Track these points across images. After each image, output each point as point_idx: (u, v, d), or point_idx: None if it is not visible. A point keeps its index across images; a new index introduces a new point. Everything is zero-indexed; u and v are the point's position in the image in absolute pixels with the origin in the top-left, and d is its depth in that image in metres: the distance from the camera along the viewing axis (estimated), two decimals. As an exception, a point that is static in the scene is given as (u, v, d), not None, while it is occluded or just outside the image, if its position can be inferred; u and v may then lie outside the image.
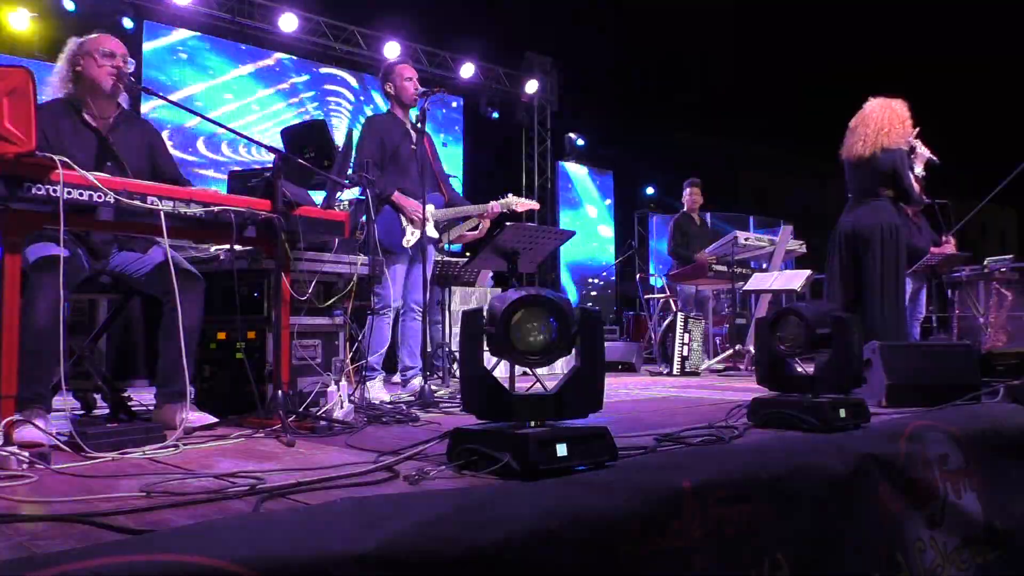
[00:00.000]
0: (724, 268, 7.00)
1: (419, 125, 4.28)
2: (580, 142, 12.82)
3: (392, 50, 10.14)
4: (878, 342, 3.54)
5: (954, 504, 2.28)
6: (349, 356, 3.52)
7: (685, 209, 7.62)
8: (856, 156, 4.79)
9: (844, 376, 2.66)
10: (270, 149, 3.01)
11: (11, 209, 2.30)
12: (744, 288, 7.09)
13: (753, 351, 6.52)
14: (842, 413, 2.53)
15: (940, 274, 7.36)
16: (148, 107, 8.07)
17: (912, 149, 4.83)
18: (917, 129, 4.84)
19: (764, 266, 7.52)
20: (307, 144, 3.51)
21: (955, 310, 8.04)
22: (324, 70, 10.11)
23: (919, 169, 4.82)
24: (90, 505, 1.61)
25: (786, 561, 1.76)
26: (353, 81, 10.37)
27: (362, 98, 10.37)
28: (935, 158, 4.84)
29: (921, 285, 7.31)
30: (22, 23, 7.22)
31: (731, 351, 7.19)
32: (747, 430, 2.63)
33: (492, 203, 4.40)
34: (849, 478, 2.00)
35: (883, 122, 4.74)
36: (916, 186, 4.77)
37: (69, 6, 7.52)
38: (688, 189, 7.61)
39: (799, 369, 2.80)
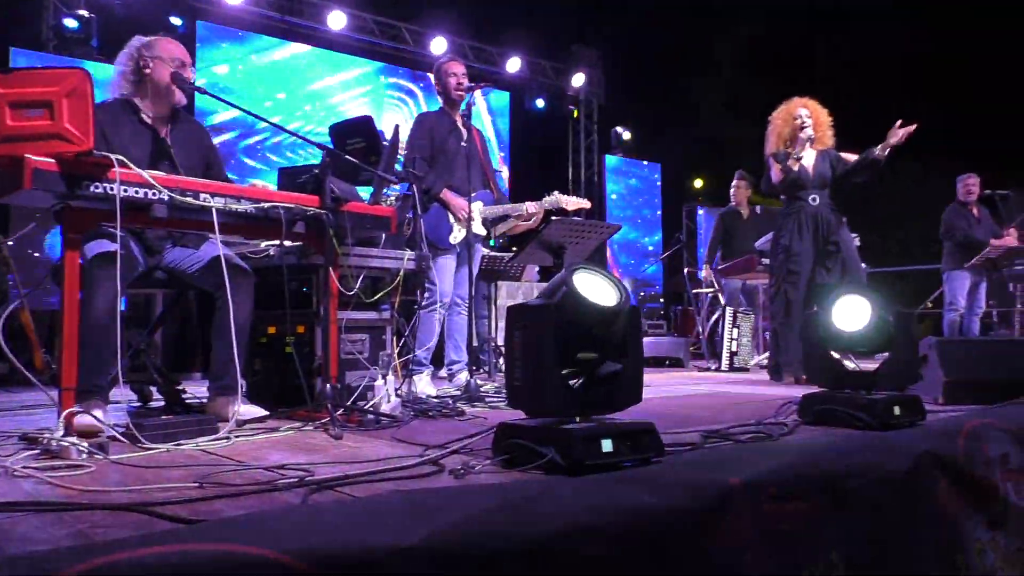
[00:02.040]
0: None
1: (461, 119, 4.29)
2: (627, 135, 12.70)
3: (439, 46, 10.18)
4: (934, 338, 3.45)
5: (1016, 505, 2.20)
6: (396, 350, 3.55)
7: (732, 203, 7.50)
8: None
9: (900, 372, 2.59)
10: (318, 146, 3.04)
11: (71, 207, 2.36)
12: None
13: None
14: (897, 410, 2.47)
15: (1000, 268, 7.14)
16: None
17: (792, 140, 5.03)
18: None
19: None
20: (354, 140, 3.55)
21: (1017, 304, 7.78)
22: (371, 66, 10.20)
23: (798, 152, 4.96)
24: (146, 495, 1.65)
25: (841, 561, 1.72)
26: (401, 78, 10.45)
27: (410, 94, 10.44)
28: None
29: (981, 279, 7.09)
30: (75, 23, 7.42)
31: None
32: (798, 427, 2.58)
33: (538, 202, 4.39)
34: (906, 477, 1.94)
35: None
36: (772, 174, 5.00)
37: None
38: (735, 182, 7.49)
39: (851, 365, 2.74)
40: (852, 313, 2.61)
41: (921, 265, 9.01)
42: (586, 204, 4.58)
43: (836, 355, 2.74)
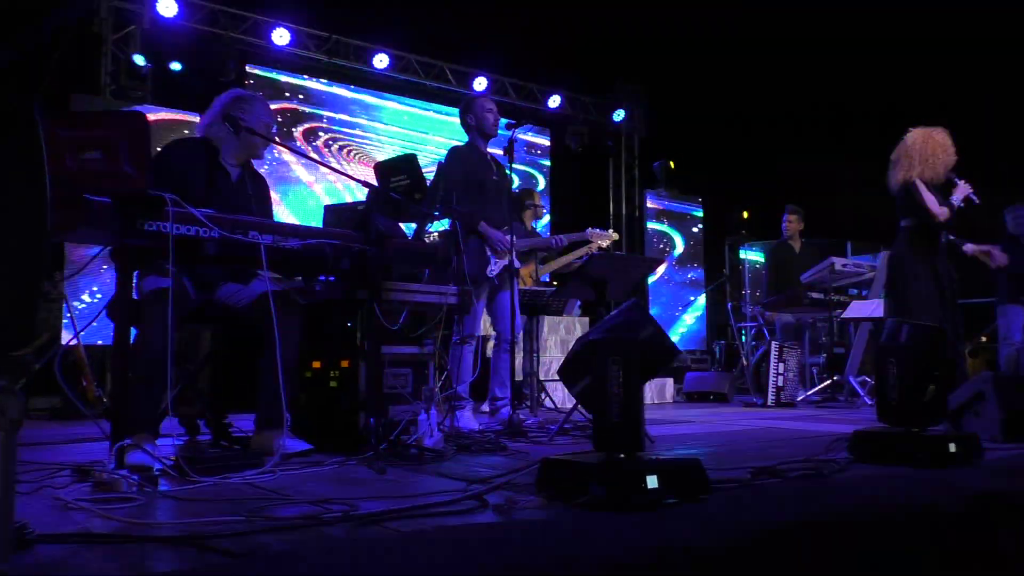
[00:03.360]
0: (820, 296, 6.77)
1: (507, 157, 4.35)
2: (670, 167, 12.67)
3: (480, 84, 10.33)
4: (991, 372, 3.35)
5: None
6: (439, 385, 3.56)
7: (784, 236, 7.44)
8: (892, 188, 4.96)
9: (952, 408, 2.51)
10: (364, 183, 3.10)
11: (125, 244, 2.43)
12: (842, 316, 6.83)
13: (870, 381, 6.28)
14: (952, 448, 2.40)
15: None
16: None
17: (951, 182, 4.83)
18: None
19: (863, 293, 7.23)
20: (398, 177, 3.60)
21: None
22: (415, 106, 10.39)
23: (957, 200, 4.79)
24: (194, 528, 1.67)
25: (894, 605, 1.66)
26: (443, 116, 10.61)
27: (452, 132, 10.59)
28: (975, 197, 4.80)
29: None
30: (139, 73, 7.70)
31: (829, 381, 6.92)
32: (848, 464, 2.51)
33: (567, 235, 4.46)
34: (962, 518, 1.88)
35: (918, 153, 4.81)
36: (943, 210, 4.74)
37: (175, 67, 7.96)
38: (786, 216, 7.44)
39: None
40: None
41: (973, 299, 8.76)
42: (613, 236, 4.59)
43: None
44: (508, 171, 4.30)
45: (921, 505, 1.83)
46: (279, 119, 8.89)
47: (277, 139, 3.19)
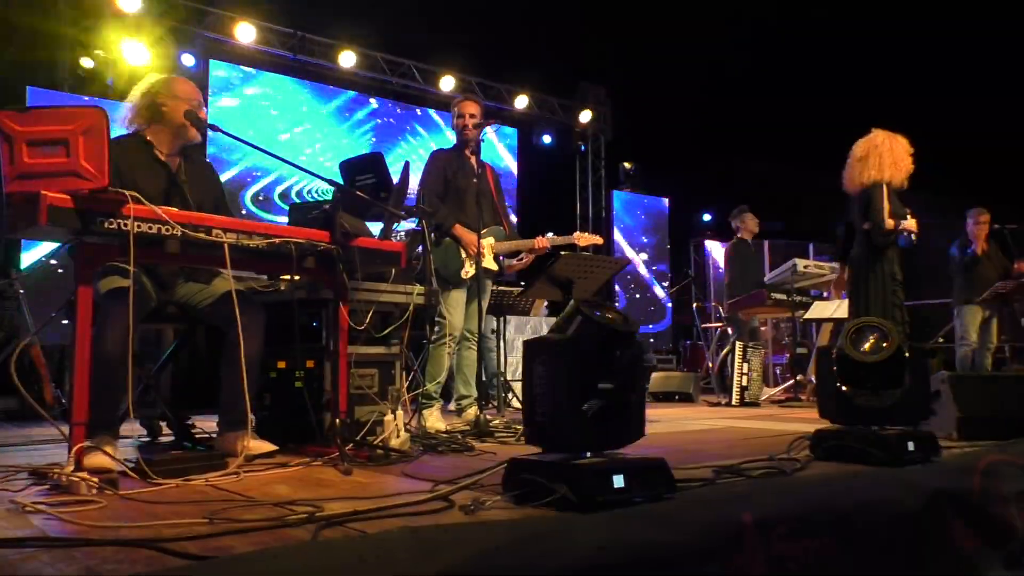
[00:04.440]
0: (784, 296, 6.87)
1: (474, 157, 4.35)
2: (632, 169, 12.78)
3: (447, 84, 10.31)
4: (947, 372, 3.43)
5: (1034, 543, 2.17)
6: (405, 385, 3.55)
7: (740, 235, 7.53)
8: (854, 184, 5.04)
9: (913, 408, 2.57)
10: (329, 181, 3.08)
11: (84, 242, 2.39)
12: (804, 317, 6.94)
13: (814, 381, 6.37)
14: (911, 446, 2.45)
15: (1012, 303, 7.10)
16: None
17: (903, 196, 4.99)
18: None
19: (824, 294, 7.36)
20: (364, 176, 3.58)
21: (1030, 339, 7.72)
22: (380, 104, 10.33)
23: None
24: (155, 530, 1.65)
25: (854, 600, 1.69)
26: (410, 115, 10.57)
27: (417, 132, 10.55)
28: (912, 239, 4.95)
29: (992, 313, 7.05)
30: (90, 63, 7.56)
31: (792, 381, 7.03)
32: (810, 463, 2.55)
33: (548, 236, 4.46)
34: (919, 514, 1.92)
35: (888, 155, 4.91)
36: (891, 222, 4.86)
37: (142, 56, 7.82)
38: (745, 214, 7.53)
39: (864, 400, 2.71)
40: (866, 347, 2.60)
41: (930, 300, 8.96)
42: (598, 241, 4.61)
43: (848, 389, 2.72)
44: (503, 177, 4.31)
45: (879, 502, 1.86)
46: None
47: (204, 114, 3.09)
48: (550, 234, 4.56)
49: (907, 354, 2.52)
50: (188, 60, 8.43)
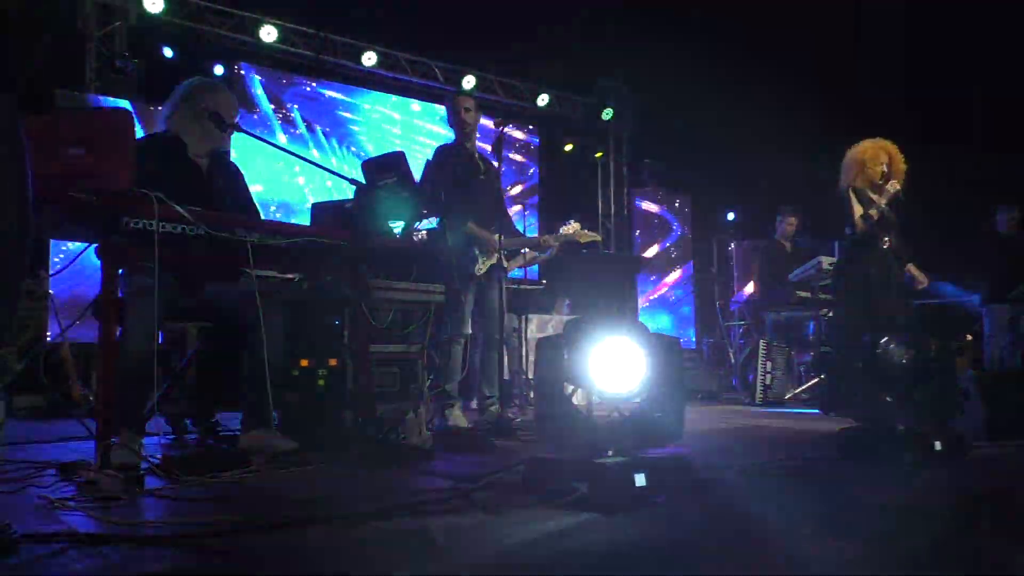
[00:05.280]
0: (809, 294, 6.80)
1: (495, 154, 4.34)
2: (656, 167, 12.70)
3: (469, 83, 10.32)
4: (975, 371, 3.38)
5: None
6: (427, 383, 3.55)
7: (777, 235, 7.45)
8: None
9: (942, 406, 2.53)
10: (351, 181, 3.09)
11: (110, 242, 2.41)
12: (830, 315, 6.86)
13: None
14: (938, 445, 2.41)
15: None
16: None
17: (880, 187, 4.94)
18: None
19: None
20: (386, 175, 3.59)
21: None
22: (403, 103, 10.36)
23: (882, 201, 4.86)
24: (180, 527, 1.66)
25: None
26: (432, 115, 10.60)
27: (439, 130, 10.58)
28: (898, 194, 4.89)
29: (1021, 311, 6.93)
30: (119, 63, 7.64)
31: (816, 379, 6.95)
32: (836, 462, 2.52)
33: (554, 235, 4.46)
34: (947, 514, 1.89)
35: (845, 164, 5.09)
36: (860, 221, 4.86)
37: (168, 53, 7.91)
38: (786, 216, 7.45)
39: (886, 398, 2.68)
40: (889, 347, 2.57)
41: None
42: (597, 238, 4.59)
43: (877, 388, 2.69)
44: (498, 168, 4.29)
45: (905, 502, 1.84)
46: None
47: (240, 125, 3.12)
48: (571, 222, 4.54)
49: (932, 354, 2.48)
50: (218, 71, 8.49)
